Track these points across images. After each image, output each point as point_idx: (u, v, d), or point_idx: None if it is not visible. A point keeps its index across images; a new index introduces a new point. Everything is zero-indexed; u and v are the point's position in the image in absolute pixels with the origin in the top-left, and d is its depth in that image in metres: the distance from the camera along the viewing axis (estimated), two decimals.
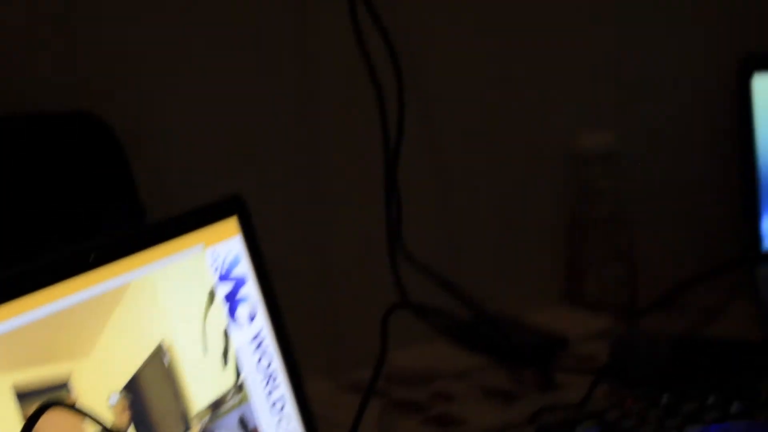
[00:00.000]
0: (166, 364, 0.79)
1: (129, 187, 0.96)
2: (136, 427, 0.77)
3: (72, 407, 0.71)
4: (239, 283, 0.85)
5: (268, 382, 0.85)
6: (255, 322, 0.86)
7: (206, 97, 1.07)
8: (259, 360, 0.85)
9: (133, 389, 0.77)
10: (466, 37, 1.16)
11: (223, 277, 0.84)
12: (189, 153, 1.06)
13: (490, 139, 1.19)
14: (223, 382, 0.82)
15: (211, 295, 0.83)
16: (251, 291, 0.86)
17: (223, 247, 0.85)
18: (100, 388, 0.75)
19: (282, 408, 0.86)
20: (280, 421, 0.85)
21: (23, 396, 0.71)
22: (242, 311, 0.85)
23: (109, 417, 0.75)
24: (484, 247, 1.20)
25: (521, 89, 1.19)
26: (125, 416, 0.76)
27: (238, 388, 0.83)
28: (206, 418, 0.81)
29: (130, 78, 1.03)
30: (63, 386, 0.73)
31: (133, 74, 1.03)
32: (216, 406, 0.82)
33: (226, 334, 0.83)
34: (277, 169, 1.10)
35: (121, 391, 0.76)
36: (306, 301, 1.10)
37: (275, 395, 0.86)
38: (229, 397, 0.82)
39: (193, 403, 0.80)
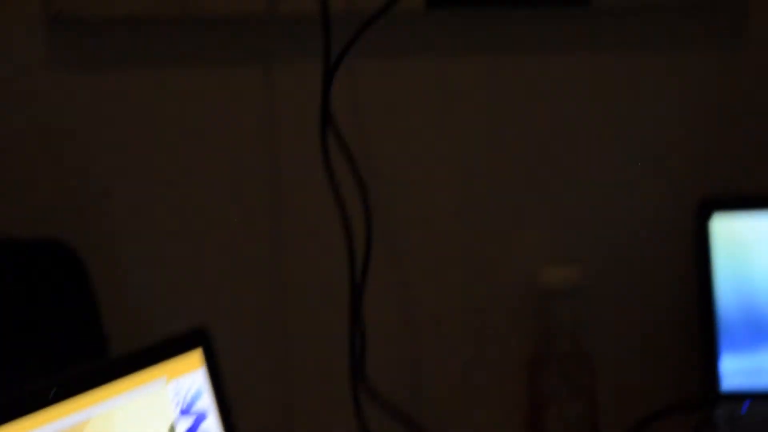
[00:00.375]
0: None
1: (93, 316, 0.95)
2: None
3: None
4: (200, 418, 0.83)
5: None
6: None
7: (174, 227, 1.06)
8: None
9: None
10: (433, 172, 1.17)
11: (185, 411, 0.82)
12: (154, 282, 1.05)
13: (455, 272, 1.18)
14: None
15: (171, 431, 0.81)
16: (212, 426, 0.84)
17: (185, 380, 0.82)
18: None
19: None
20: None
21: None
22: None
23: None
24: (446, 381, 1.18)
25: (487, 224, 1.19)
26: None
27: None
28: None
29: (98, 206, 1.03)
30: None
31: (102, 203, 1.03)
32: None
33: None
34: (241, 300, 1.09)
35: None
36: None
37: None
38: None
39: None
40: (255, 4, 1.05)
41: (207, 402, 0.83)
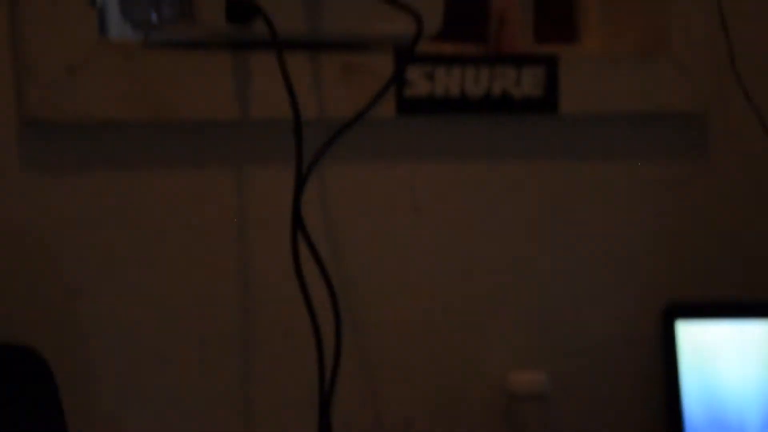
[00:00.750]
0: None
1: (59, 424, 0.91)
2: None
3: None
4: None
5: None
6: None
7: (143, 331, 1.04)
8: None
9: None
10: (403, 277, 1.15)
11: None
12: (123, 388, 1.02)
13: (425, 377, 1.16)
14: None
15: None
16: None
17: None
18: None
19: None
20: None
21: None
22: None
23: None
24: None
25: (456, 328, 1.18)
26: None
27: None
28: None
29: (67, 309, 1.00)
30: None
31: (71, 306, 1.00)
32: None
33: None
34: (210, 407, 1.06)
35: None
36: None
37: None
38: None
39: None
40: (228, 109, 1.04)
41: None
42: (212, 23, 1.00)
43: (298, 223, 1.03)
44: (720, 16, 1.26)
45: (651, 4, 1.24)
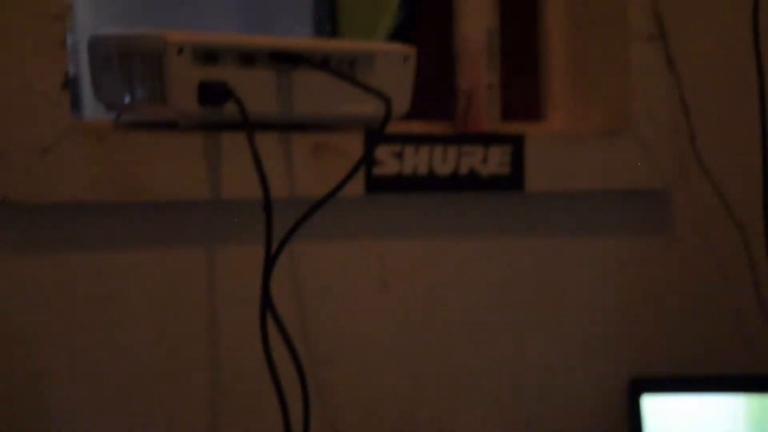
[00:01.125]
0: None
1: None
2: None
3: None
4: None
5: None
6: None
7: (109, 412, 1.01)
8: None
9: None
10: (372, 355, 1.14)
11: None
12: None
13: None
14: None
15: None
16: None
17: None
18: None
19: None
20: None
21: None
22: None
23: None
24: None
25: (424, 404, 1.16)
26: None
27: None
28: None
29: (32, 395, 0.98)
30: None
31: (36, 392, 0.98)
32: None
33: None
34: None
35: None
36: None
37: None
38: None
39: None
40: (200, 189, 1.03)
41: None
42: (184, 105, 1.00)
43: (267, 301, 1.02)
44: (680, 97, 1.27)
45: (614, 85, 1.25)
